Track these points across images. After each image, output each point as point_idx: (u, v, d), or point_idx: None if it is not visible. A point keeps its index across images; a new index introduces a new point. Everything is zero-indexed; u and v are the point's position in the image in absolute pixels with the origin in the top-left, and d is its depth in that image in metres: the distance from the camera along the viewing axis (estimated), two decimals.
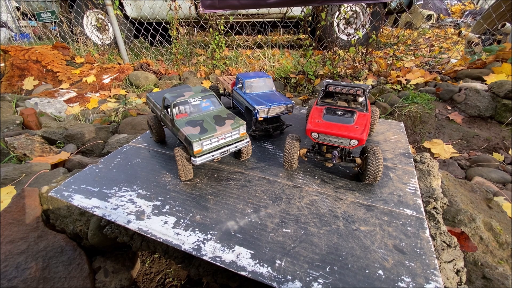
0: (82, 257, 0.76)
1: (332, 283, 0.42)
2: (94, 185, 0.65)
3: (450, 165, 1.16)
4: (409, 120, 1.45)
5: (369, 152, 0.61)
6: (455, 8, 5.93)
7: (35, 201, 0.81)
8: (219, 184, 0.65)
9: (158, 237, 0.50)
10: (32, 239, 0.73)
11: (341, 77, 2.11)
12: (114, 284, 0.77)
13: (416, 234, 0.51)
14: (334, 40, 2.48)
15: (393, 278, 0.43)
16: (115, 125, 1.54)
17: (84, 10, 3.23)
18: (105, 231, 0.73)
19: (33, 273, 0.67)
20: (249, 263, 0.45)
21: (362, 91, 0.68)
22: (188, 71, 2.48)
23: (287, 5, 2.08)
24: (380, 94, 1.67)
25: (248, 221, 0.54)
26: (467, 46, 2.48)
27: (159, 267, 0.91)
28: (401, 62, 2.45)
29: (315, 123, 0.62)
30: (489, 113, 1.45)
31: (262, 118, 0.79)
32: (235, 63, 2.69)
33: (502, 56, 1.79)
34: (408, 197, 0.60)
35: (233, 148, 0.66)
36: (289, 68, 2.31)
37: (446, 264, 0.52)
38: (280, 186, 0.64)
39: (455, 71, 1.91)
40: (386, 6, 2.68)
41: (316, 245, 0.49)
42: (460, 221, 0.69)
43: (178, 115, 0.65)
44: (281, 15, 2.98)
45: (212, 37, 2.45)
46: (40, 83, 2.41)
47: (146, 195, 0.61)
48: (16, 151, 1.21)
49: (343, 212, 0.56)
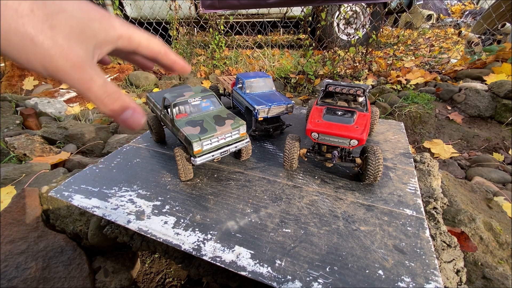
0: (82, 257, 0.76)
1: (332, 283, 0.42)
2: (94, 185, 0.65)
3: (450, 165, 1.16)
4: (409, 120, 1.45)
5: (369, 152, 0.61)
6: (455, 8, 5.94)
7: (35, 201, 0.81)
8: (219, 184, 0.65)
9: (158, 237, 0.50)
10: (32, 239, 0.73)
11: (341, 77, 2.11)
12: (114, 284, 0.77)
13: (416, 234, 0.51)
14: (334, 40, 2.48)
15: (393, 278, 0.43)
16: (115, 125, 1.54)
17: None
18: (105, 231, 0.73)
19: (33, 273, 0.67)
20: (249, 263, 0.45)
21: (362, 91, 0.68)
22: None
23: (287, 5, 2.08)
24: (380, 94, 1.68)
25: (248, 221, 0.54)
26: (467, 46, 2.48)
27: (159, 267, 0.91)
28: (401, 62, 2.45)
29: (315, 123, 0.62)
30: (489, 113, 1.45)
31: (262, 118, 0.79)
32: (235, 63, 2.69)
33: (502, 56, 1.79)
34: (408, 197, 0.60)
35: (233, 148, 0.66)
36: (289, 68, 2.31)
37: (446, 264, 0.52)
38: (280, 186, 0.64)
39: (455, 71, 1.91)
40: (386, 6, 2.68)
41: (316, 245, 0.49)
42: (460, 221, 0.69)
43: (178, 115, 0.65)
44: (281, 15, 2.98)
45: (212, 37, 2.45)
46: (40, 83, 2.41)
47: (146, 195, 0.61)
48: (16, 151, 1.21)
49: (343, 212, 0.56)
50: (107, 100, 0.28)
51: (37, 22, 0.23)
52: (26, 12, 0.22)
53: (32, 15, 0.22)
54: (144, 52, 0.33)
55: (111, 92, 0.28)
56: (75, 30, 0.25)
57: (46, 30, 0.23)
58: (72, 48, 0.25)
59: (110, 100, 0.28)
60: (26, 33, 0.22)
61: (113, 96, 0.28)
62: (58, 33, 0.24)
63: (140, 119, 0.30)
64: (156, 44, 0.34)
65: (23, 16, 0.22)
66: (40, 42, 0.23)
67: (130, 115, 0.29)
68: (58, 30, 0.24)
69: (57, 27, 0.24)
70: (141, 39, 0.32)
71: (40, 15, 0.23)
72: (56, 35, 0.24)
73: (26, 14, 0.22)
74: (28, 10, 0.22)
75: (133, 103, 0.29)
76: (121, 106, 0.28)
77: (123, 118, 0.29)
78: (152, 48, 0.33)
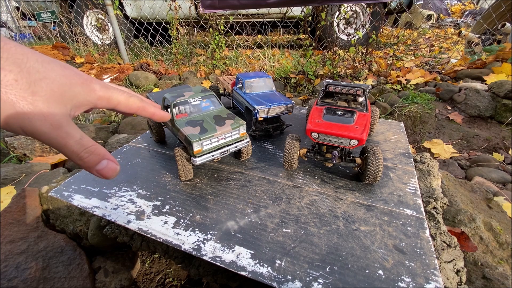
0: (82, 257, 0.76)
1: (332, 283, 0.42)
2: (94, 185, 0.65)
3: (450, 165, 1.16)
4: (409, 120, 1.45)
5: (369, 152, 0.61)
6: (455, 8, 5.94)
7: (35, 201, 0.81)
8: (219, 184, 0.65)
9: (158, 237, 0.50)
10: (32, 239, 0.73)
11: (341, 77, 2.11)
12: (114, 284, 0.77)
13: (416, 234, 0.51)
14: (334, 40, 2.48)
15: (393, 278, 0.43)
16: (115, 125, 1.54)
17: (84, 10, 3.23)
18: (105, 231, 0.73)
19: (33, 273, 0.67)
20: (249, 263, 0.45)
21: (362, 91, 0.68)
22: (188, 71, 2.48)
23: (287, 5, 2.08)
24: (380, 94, 1.68)
25: (248, 221, 0.54)
26: (467, 46, 2.48)
27: (159, 267, 0.91)
28: (401, 62, 2.45)
29: (315, 123, 0.62)
30: (489, 113, 1.45)
31: (262, 118, 0.79)
32: (235, 63, 2.69)
33: (502, 56, 1.79)
34: (408, 197, 0.60)
35: (233, 148, 0.66)
36: (289, 68, 2.31)
37: (446, 264, 0.52)
38: (280, 186, 0.64)
39: (455, 71, 1.91)
40: (386, 6, 2.68)
41: (316, 245, 0.49)
42: (460, 221, 0.69)
43: (178, 115, 0.65)
44: (281, 15, 2.98)
45: (212, 37, 2.45)
46: None
47: (146, 195, 0.61)
48: (16, 151, 1.21)
49: (343, 212, 0.56)
50: (83, 154, 0.30)
51: (20, 90, 0.26)
52: (10, 82, 0.25)
53: (16, 84, 0.26)
54: (123, 110, 0.37)
55: (87, 146, 0.30)
56: (55, 94, 0.28)
57: (27, 97, 0.26)
58: (51, 110, 0.28)
59: (87, 153, 0.30)
60: (8, 100, 0.25)
61: (89, 150, 0.30)
62: (39, 98, 0.27)
63: (115, 167, 0.32)
64: (134, 103, 0.38)
65: (7, 85, 0.25)
66: (21, 107, 0.26)
67: (105, 165, 0.31)
68: (39, 96, 0.27)
69: (38, 92, 0.27)
70: (119, 99, 0.36)
71: (24, 84, 0.26)
72: (37, 99, 0.27)
73: (10, 84, 0.25)
74: (12, 80, 0.25)
75: (107, 153, 0.32)
76: (97, 158, 0.31)
77: (98, 168, 0.31)
78: (131, 106, 0.38)
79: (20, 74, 0.26)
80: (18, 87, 0.26)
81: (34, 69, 0.27)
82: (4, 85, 0.25)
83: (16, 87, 0.26)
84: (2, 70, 0.25)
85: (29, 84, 0.26)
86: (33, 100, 0.26)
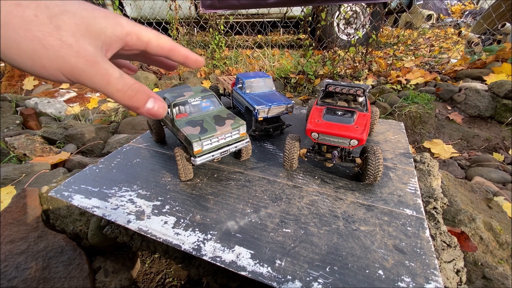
0: (82, 257, 0.76)
1: (332, 283, 0.42)
2: (94, 185, 0.65)
3: (450, 165, 1.16)
4: (409, 120, 1.45)
5: (369, 152, 0.61)
6: (455, 8, 5.94)
7: (35, 201, 0.81)
8: (219, 184, 0.65)
9: (158, 237, 0.50)
10: (32, 239, 0.73)
11: (341, 77, 2.11)
12: (114, 284, 0.77)
13: (416, 234, 0.51)
14: (334, 40, 2.48)
15: (393, 278, 0.43)
16: (115, 125, 1.54)
17: None
18: (105, 231, 0.73)
19: (33, 273, 0.67)
20: (249, 263, 0.45)
21: (362, 91, 0.68)
22: (188, 71, 2.48)
23: (287, 5, 2.08)
24: (380, 94, 1.68)
25: (248, 221, 0.54)
26: (467, 46, 2.48)
27: (159, 267, 0.91)
28: (401, 62, 2.45)
29: (315, 123, 0.62)
30: (489, 113, 1.45)
31: (262, 118, 0.79)
32: (235, 63, 2.69)
33: (502, 56, 1.79)
34: (408, 197, 0.60)
35: (233, 148, 0.66)
36: (289, 68, 2.31)
37: (446, 264, 0.52)
38: (280, 186, 0.64)
39: (455, 71, 1.91)
40: (386, 6, 2.68)
41: (316, 245, 0.49)
42: (460, 221, 0.69)
43: (178, 115, 0.65)
44: (281, 15, 2.98)
45: (212, 37, 2.45)
46: (40, 83, 2.41)
47: (146, 195, 0.61)
48: (16, 151, 1.21)
49: (343, 212, 0.56)
50: (130, 92, 0.27)
51: (43, 26, 0.23)
52: (31, 18, 0.22)
53: (37, 19, 0.23)
54: (155, 50, 0.32)
55: (131, 84, 0.27)
56: (80, 28, 0.25)
57: (52, 32, 0.23)
58: (81, 45, 0.25)
59: (133, 91, 0.27)
60: (35, 38, 0.22)
61: (134, 87, 0.27)
62: (65, 33, 0.24)
63: (163, 106, 0.29)
64: (166, 41, 0.33)
65: (28, 22, 0.22)
66: (50, 44, 0.23)
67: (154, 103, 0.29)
68: (64, 30, 0.24)
69: (62, 27, 0.24)
70: (150, 36, 0.31)
71: (44, 19, 0.23)
72: (63, 34, 0.24)
73: (31, 20, 0.22)
74: (32, 16, 0.22)
75: (152, 92, 0.29)
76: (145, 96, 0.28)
77: (148, 108, 0.28)
78: (163, 45, 0.32)
79: (38, 8, 0.23)
80: (39, 23, 0.23)
81: (51, 2, 0.24)
82: (26, 22, 0.22)
83: (38, 23, 0.22)
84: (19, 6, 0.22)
85: (50, 19, 0.23)
86: (60, 35, 0.23)
